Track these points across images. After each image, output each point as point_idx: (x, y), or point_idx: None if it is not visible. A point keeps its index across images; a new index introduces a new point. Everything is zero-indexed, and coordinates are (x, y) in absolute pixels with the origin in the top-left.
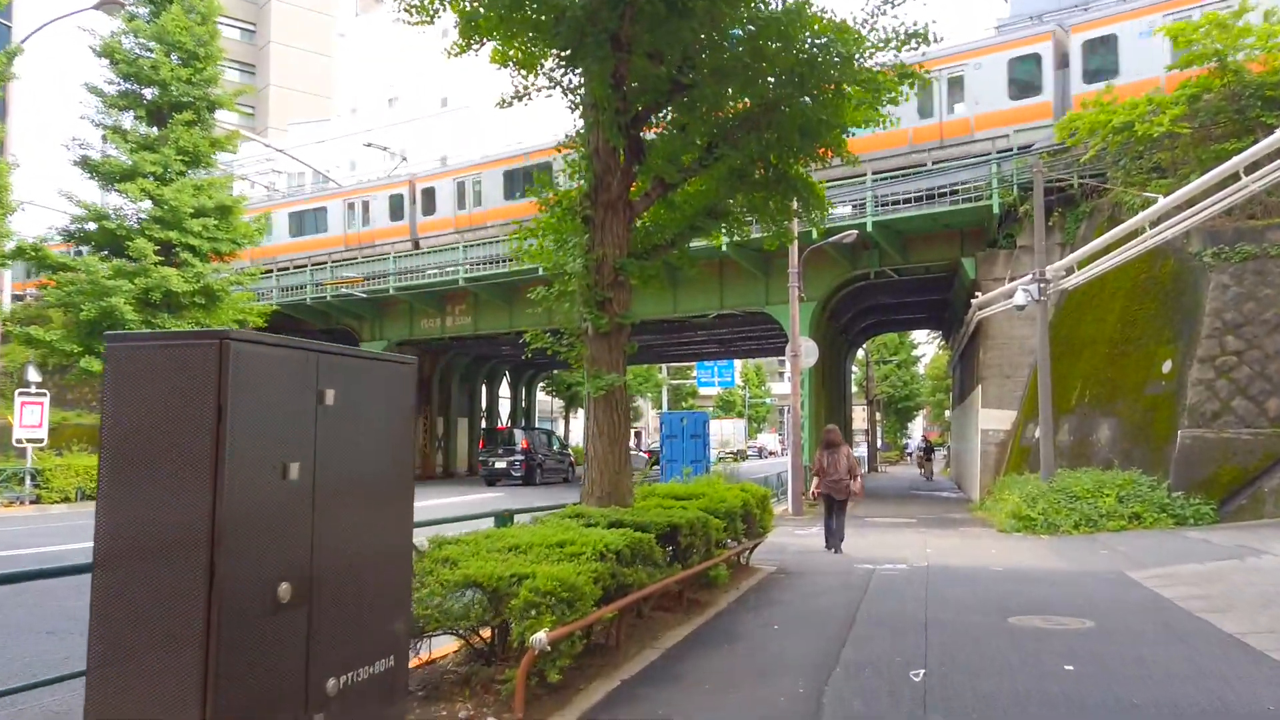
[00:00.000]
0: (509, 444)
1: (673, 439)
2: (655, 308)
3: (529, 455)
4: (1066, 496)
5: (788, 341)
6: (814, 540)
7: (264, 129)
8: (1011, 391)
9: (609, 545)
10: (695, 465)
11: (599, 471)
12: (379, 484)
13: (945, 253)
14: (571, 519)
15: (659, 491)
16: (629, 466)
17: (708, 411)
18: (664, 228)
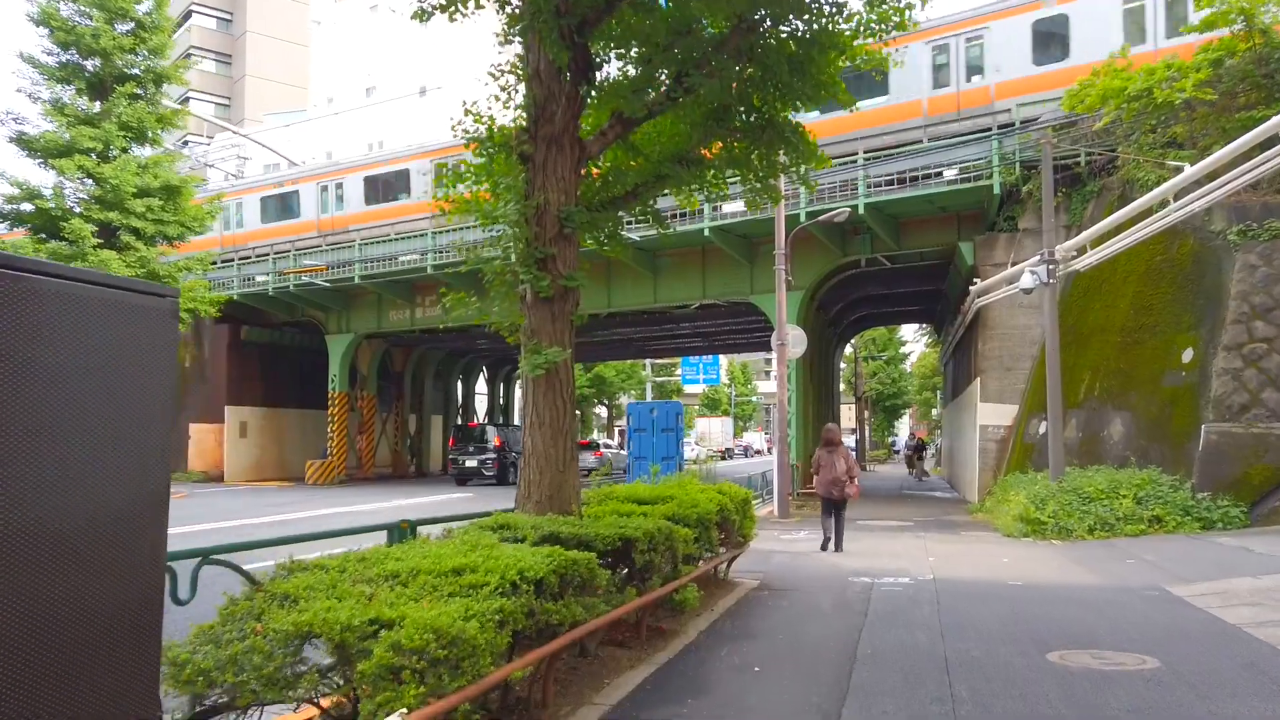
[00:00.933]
0: (481, 442)
1: (641, 433)
2: (634, 297)
3: (502, 453)
4: (1079, 498)
5: (774, 333)
6: (802, 546)
7: (240, 119)
8: (1012, 385)
9: (526, 572)
10: (666, 463)
11: (538, 470)
12: (87, 495)
13: (940, 238)
14: (492, 531)
15: (618, 495)
16: (575, 464)
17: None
18: (625, 176)
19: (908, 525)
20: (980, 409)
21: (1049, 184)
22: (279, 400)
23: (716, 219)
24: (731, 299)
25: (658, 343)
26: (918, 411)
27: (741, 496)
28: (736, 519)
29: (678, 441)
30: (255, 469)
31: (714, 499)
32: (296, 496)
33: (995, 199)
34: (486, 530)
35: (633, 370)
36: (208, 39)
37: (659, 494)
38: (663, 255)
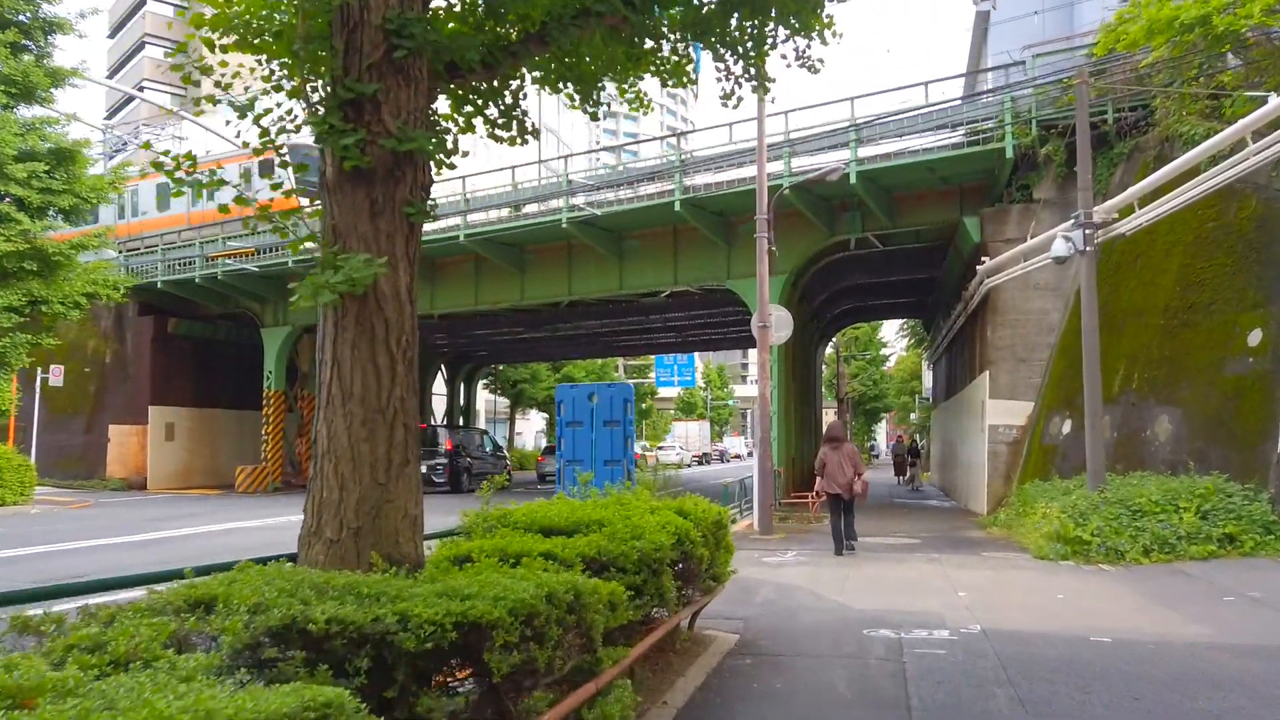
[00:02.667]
0: (431, 445)
1: (575, 427)
2: (598, 284)
3: (454, 458)
4: (1127, 511)
5: (756, 326)
6: (791, 573)
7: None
8: (1027, 378)
9: None
10: (610, 469)
11: (338, 484)
12: None
13: (940, 214)
14: (177, 614)
15: (517, 520)
16: (412, 472)
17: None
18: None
19: (914, 544)
20: (988, 407)
21: (1085, 129)
22: (212, 400)
23: (689, 193)
24: (706, 285)
25: (627, 337)
26: (896, 415)
27: (712, 518)
28: (705, 554)
29: (625, 440)
30: (183, 475)
31: (670, 525)
32: (211, 507)
33: (1007, 164)
34: (165, 613)
35: (604, 371)
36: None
37: (584, 518)
38: (630, 237)
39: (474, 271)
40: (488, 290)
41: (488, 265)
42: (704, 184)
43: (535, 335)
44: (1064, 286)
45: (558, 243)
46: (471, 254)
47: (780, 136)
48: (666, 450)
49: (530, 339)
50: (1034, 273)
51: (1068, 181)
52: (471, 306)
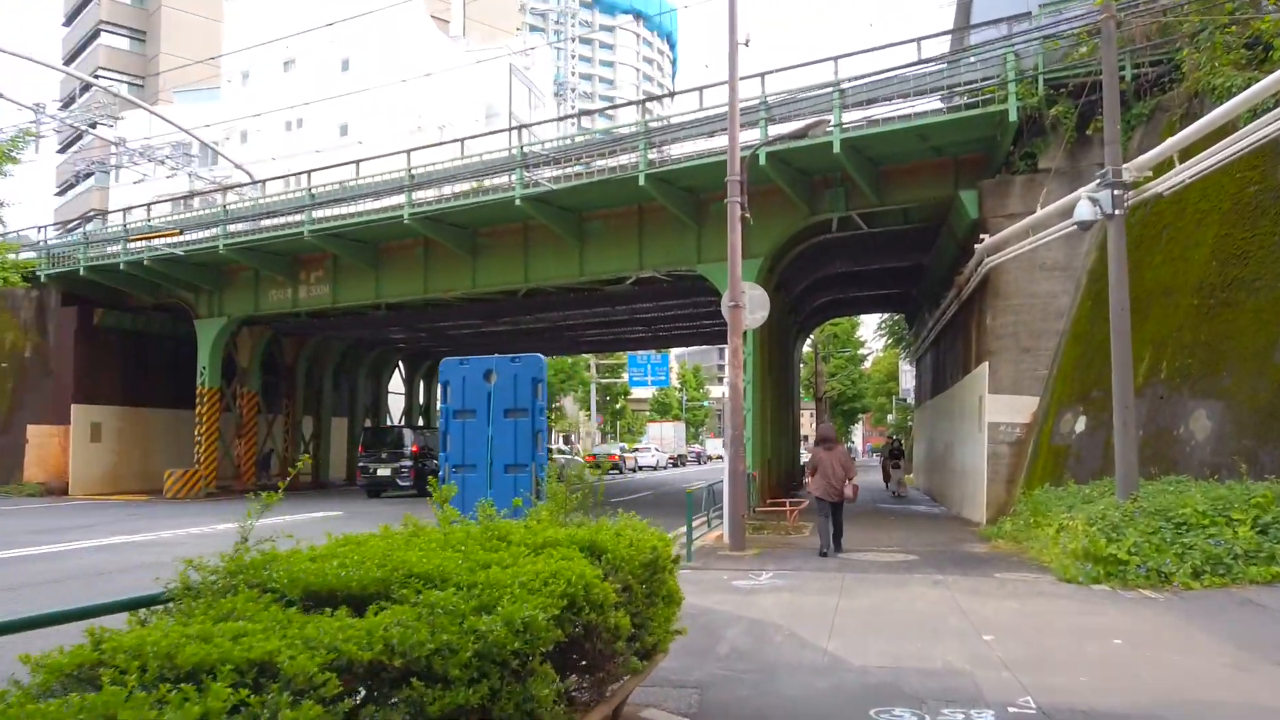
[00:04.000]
0: (395, 447)
1: (465, 418)
2: (557, 270)
3: (420, 461)
4: (1169, 525)
5: (727, 306)
6: (767, 603)
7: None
8: (1032, 370)
9: None
10: (515, 478)
11: None
12: None
13: (933, 189)
14: None
15: (277, 576)
16: None
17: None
18: None
19: (911, 560)
20: (988, 403)
21: (1112, 71)
22: (144, 398)
23: (655, 165)
24: (675, 270)
25: (593, 332)
26: (873, 417)
27: (643, 558)
28: (623, 622)
29: (534, 436)
30: (110, 479)
31: (561, 578)
32: (124, 515)
33: (1010, 129)
34: None
35: (574, 369)
36: (119, 14)
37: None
38: (592, 217)
39: (423, 257)
40: (438, 277)
41: (437, 250)
42: (675, 156)
43: (495, 329)
44: (1074, 266)
45: (513, 224)
46: (420, 238)
47: (756, 100)
48: (642, 452)
49: (491, 333)
50: (1040, 251)
51: (1079, 148)
52: (420, 295)
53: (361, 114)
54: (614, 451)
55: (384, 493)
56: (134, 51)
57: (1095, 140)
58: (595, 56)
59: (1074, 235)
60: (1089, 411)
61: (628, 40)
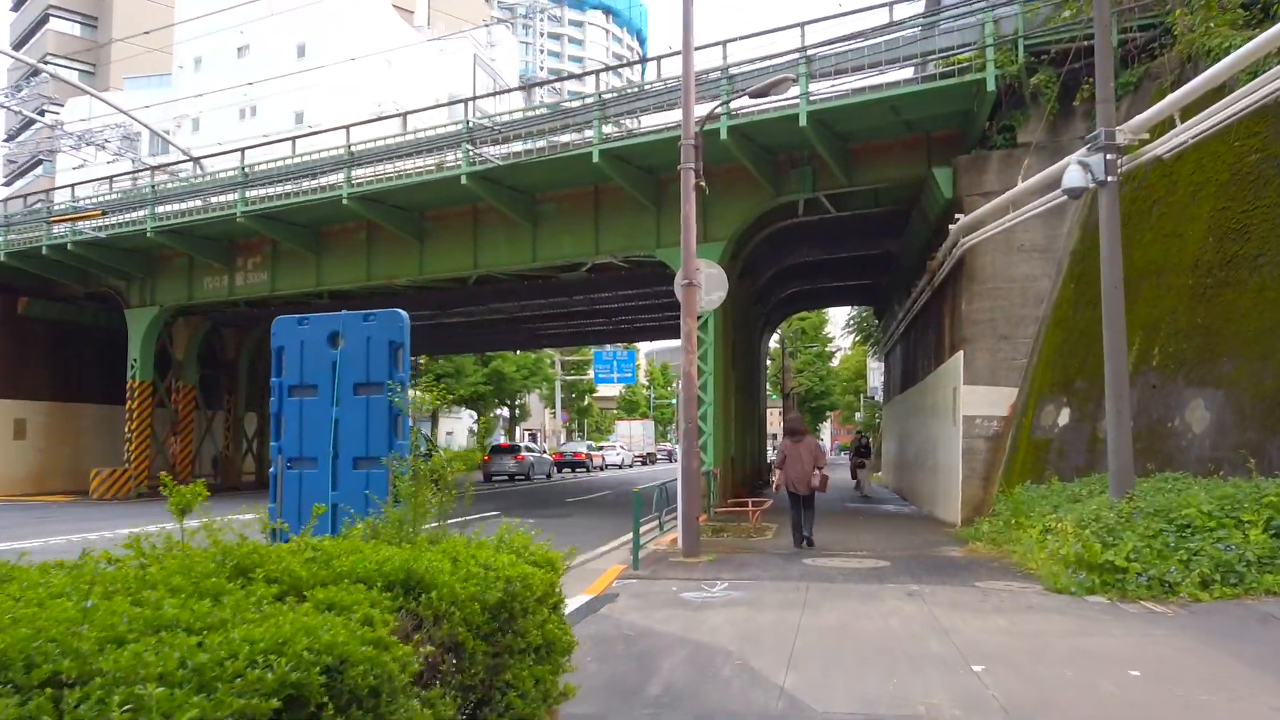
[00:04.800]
0: None
1: (305, 395)
2: (508, 256)
3: None
4: (1171, 527)
5: (680, 285)
6: (718, 622)
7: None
8: (1010, 359)
9: None
10: (368, 474)
11: None
12: None
13: (904, 168)
14: None
15: None
16: None
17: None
18: None
19: (882, 567)
20: (963, 395)
21: (1104, 23)
22: (75, 393)
23: (610, 140)
24: (632, 255)
25: (552, 325)
26: (841, 415)
27: (493, 594)
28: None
29: (393, 420)
30: (36, 478)
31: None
32: (29, 518)
33: (988, 100)
34: None
35: (538, 365)
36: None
37: None
38: (545, 199)
39: (366, 242)
40: (382, 264)
41: (381, 234)
42: (632, 130)
43: (449, 321)
44: (1055, 247)
45: (461, 207)
46: (363, 221)
47: (717, 71)
48: (608, 450)
49: (445, 326)
50: (1019, 232)
51: (1062, 121)
52: (364, 283)
53: (318, 102)
54: (580, 450)
55: None
56: (84, 37)
57: (1079, 113)
58: (564, 52)
59: (1054, 215)
60: (1073, 402)
61: (597, 36)
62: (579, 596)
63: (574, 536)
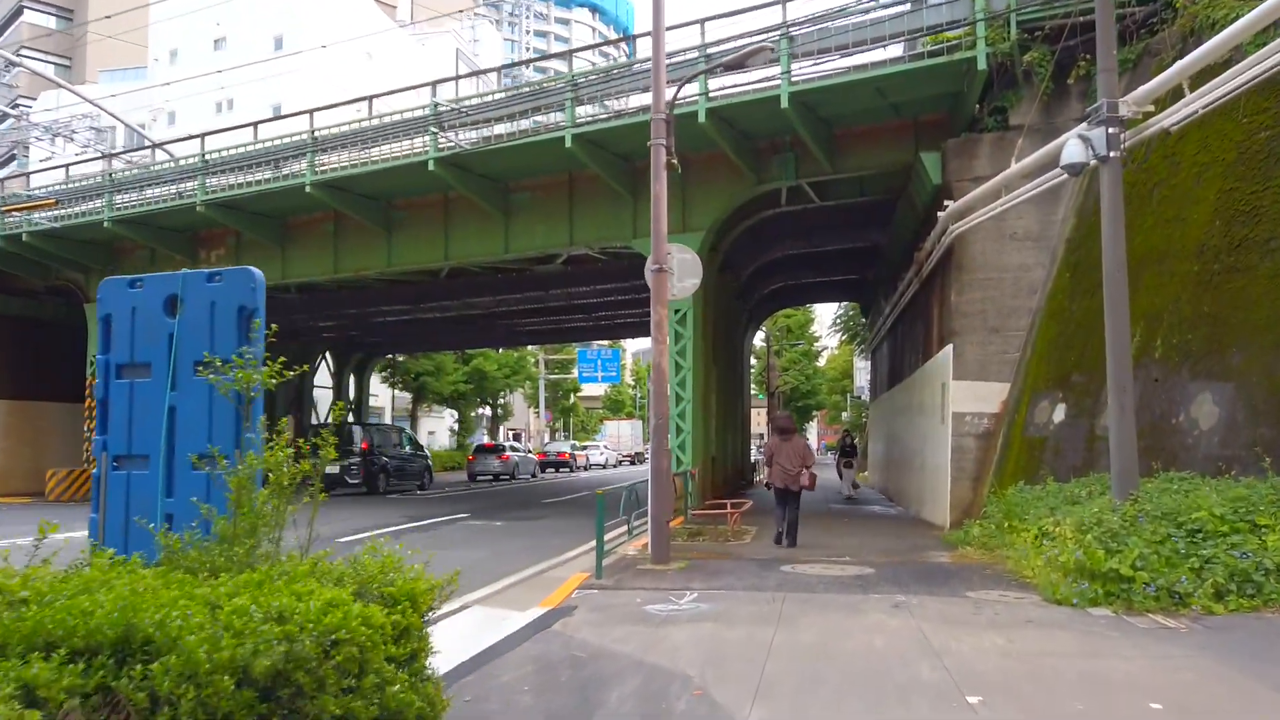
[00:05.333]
0: (346, 444)
1: (135, 375)
2: (480, 248)
3: (369, 457)
4: (1180, 532)
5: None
6: (681, 640)
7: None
8: (1001, 353)
9: None
10: (209, 483)
11: None
12: None
13: (890, 154)
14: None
15: None
16: None
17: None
18: None
19: (866, 575)
20: (953, 390)
21: None
22: (37, 391)
23: (583, 124)
24: (608, 246)
25: (530, 321)
26: (827, 415)
27: (265, 664)
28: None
29: (237, 408)
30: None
31: None
32: None
33: (979, 79)
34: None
35: (521, 364)
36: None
37: None
38: (518, 188)
39: (333, 233)
40: (350, 256)
41: (349, 225)
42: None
43: (425, 316)
44: (1049, 235)
45: (431, 196)
46: (329, 211)
47: (695, 51)
48: (592, 449)
49: (421, 321)
50: (1010, 220)
51: (1056, 102)
52: (331, 275)
53: (296, 94)
54: (564, 450)
55: (333, 490)
56: (60, 30)
57: (1074, 93)
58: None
59: (1048, 202)
60: (1069, 398)
61: (583, 34)
62: (532, 610)
63: (541, 540)
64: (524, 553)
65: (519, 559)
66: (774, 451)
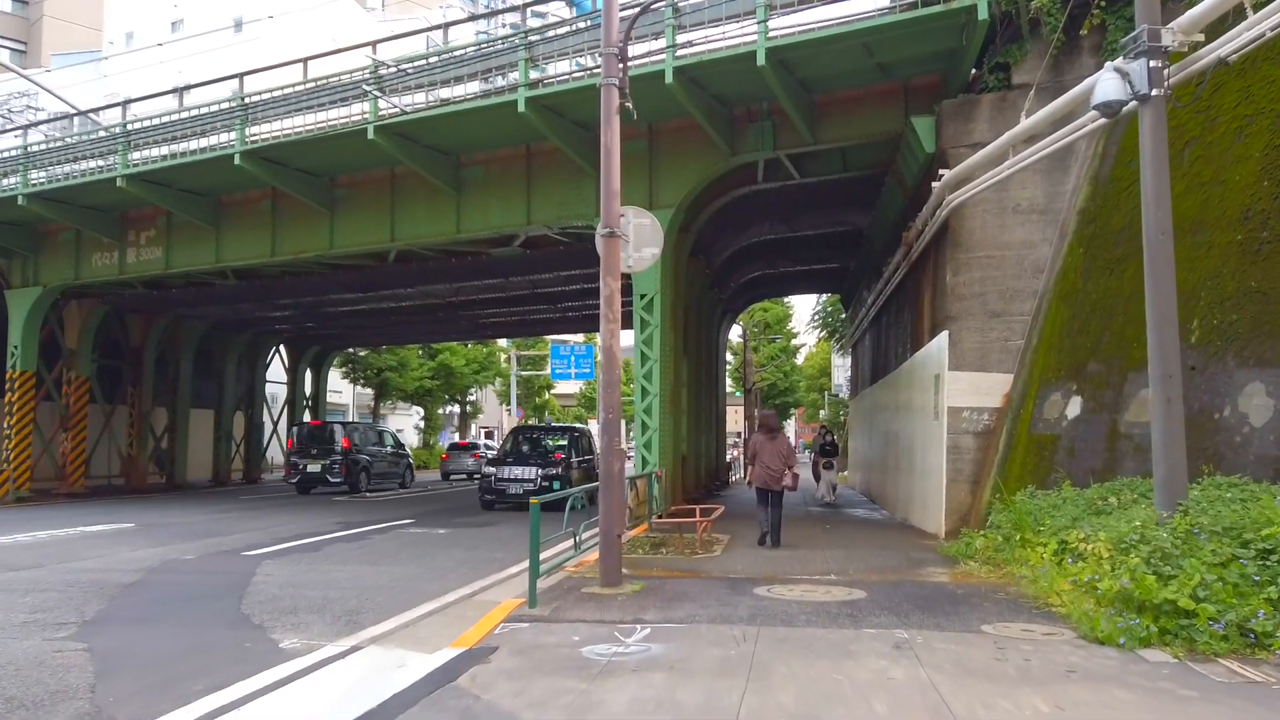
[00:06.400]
0: (327, 443)
1: None
2: (429, 228)
3: (350, 456)
4: (1247, 551)
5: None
6: (620, 702)
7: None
8: (1003, 340)
9: None
10: None
11: None
12: None
13: (877, 122)
14: None
15: None
16: None
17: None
18: None
19: (857, 600)
20: (948, 383)
21: None
22: None
23: (538, 86)
24: (569, 225)
25: (492, 312)
26: (805, 413)
27: None
28: None
29: None
30: None
31: None
32: None
33: (979, 31)
34: None
35: (490, 359)
36: None
37: None
38: (470, 162)
39: (271, 212)
40: (289, 237)
41: (288, 204)
42: (561, 72)
43: (379, 307)
44: (1056, 208)
45: (377, 172)
46: (266, 189)
47: (663, 3)
48: None
49: (377, 313)
50: (1014, 190)
51: (1067, 57)
52: (268, 258)
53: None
54: None
55: (314, 489)
56: (15, 14)
57: (1086, 47)
58: None
59: (1057, 170)
60: (1085, 390)
61: None
62: (441, 652)
63: (483, 552)
64: (459, 568)
65: (451, 577)
66: (758, 450)
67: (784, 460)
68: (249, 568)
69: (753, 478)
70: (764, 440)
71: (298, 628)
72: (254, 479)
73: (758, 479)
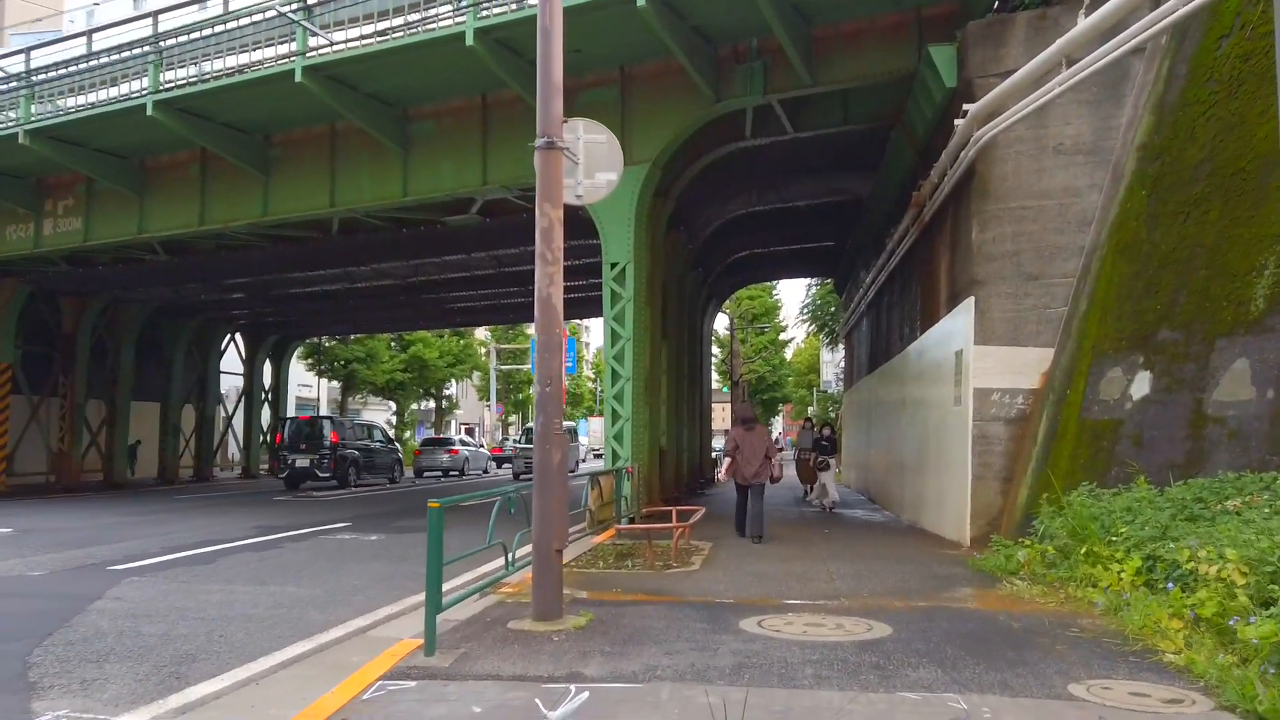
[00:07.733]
0: (315, 437)
1: None
2: (373, 189)
3: (338, 451)
4: None
5: (540, 144)
6: None
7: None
8: (1042, 307)
9: None
10: None
11: None
12: None
13: (885, 58)
14: None
15: None
16: None
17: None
18: None
19: (880, 642)
20: (974, 359)
21: None
22: None
23: (490, 18)
24: (531, 186)
25: (458, 294)
26: (793, 409)
27: None
28: None
29: None
30: None
31: None
32: None
33: None
34: None
35: (467, 352)
36: None
37: None
38: (420, 115)
39: (199, 177)
40: (219, 204)
41: (218, 167)
42: None
43: (331, 288)
44: (1106, 146)
45: (315, 128)
46: (195, 150)
47: None
48: None
49: (339, 296)
50: (1054, 126)
51: None
52: (195, 228)
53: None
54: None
55: (302, 483)
56: None
57: None
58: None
59: (1107, 100)
60: (1156, 363)
61: None
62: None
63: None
64: (371, 587)
65: (355, 600)
66: (738, 443)
67: (765, 452)
68: (100, 589)
69: (732, 473)
70: (744, 433)
71: (86, 688)
72: (205, 476)
73: (738, 474)
